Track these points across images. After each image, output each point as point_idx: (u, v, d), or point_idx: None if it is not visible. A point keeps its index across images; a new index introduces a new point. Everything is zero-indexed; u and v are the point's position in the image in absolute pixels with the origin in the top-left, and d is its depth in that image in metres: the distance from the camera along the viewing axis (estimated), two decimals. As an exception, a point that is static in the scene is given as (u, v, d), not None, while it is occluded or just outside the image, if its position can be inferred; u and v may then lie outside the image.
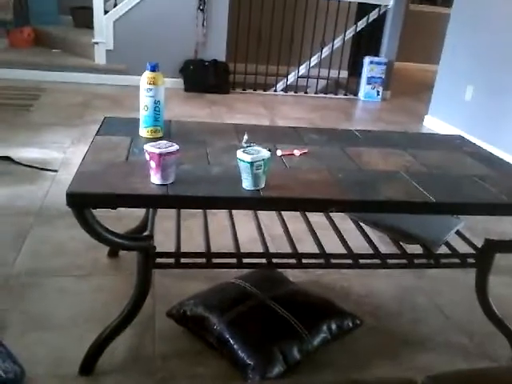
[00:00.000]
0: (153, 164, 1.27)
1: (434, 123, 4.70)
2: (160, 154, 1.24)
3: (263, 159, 1.30)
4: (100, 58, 5.10)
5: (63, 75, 4.99)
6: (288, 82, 5.63)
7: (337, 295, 1.96)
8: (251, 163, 1.28)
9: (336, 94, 5.73)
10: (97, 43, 5.05)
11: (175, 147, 1.28)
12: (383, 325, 1.86)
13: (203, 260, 1.50)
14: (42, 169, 2.89)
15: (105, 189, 1.25)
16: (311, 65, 5.67)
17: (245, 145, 1.62)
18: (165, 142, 1.32)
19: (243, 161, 1.29)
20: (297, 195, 1.34)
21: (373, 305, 1.97)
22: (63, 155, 3.11)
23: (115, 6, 5.06)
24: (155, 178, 1.28)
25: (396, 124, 4.77)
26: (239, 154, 1.30)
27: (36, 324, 1.67)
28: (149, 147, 1.27)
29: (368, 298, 2.01)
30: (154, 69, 1.60)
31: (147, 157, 1.27)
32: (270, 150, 1.57)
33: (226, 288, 1.71)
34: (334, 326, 1.62)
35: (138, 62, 2.15)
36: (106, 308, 1.74)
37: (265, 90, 5.50)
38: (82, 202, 1.24)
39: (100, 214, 1.29)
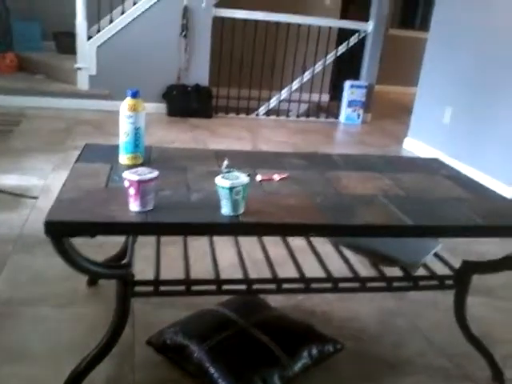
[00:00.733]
0: (132, 191, 1.27)
1: (414, 145, 4.78)
2: (139, 181, 1.25)
3: (242, 185, 1.31)
4: (83, 84, 5.11)
5: (46, 101, 4.99)
6: (270, 106, 5.70)
7: (318, 320, 1.96)
8: (230, 189, 1.29)
9: (317, 118, 5.80)
10: (80, 69, 5.07)
11: (154, 174, 1.29)
12: (365, 348, 1.85)
13: (183, 287, 1.49)
14: (21, 196, 2.86)
15: (83, 217, 1.25)
16: (293, 89, 5.75)
17: (225, 170, 1.63)
18: (144, 168, 1.32)
19: (222, 187, 1.30)
20: (275, 220, 1.35)
21: (354, 328, 1.97)
22: (44, 182, 3.09)
23: (98, 31, 5.10)
24: (134, 205, 1.28)
25: (376, 146, 4.84)
26: (218, 180, 1.31)
27: (10, 356, 1.63)
28: (128, 174, 1.27)
29: (349, 321, 2.01)
30: (134, 95, 1.61)
31: (126, 184, 1.28)
32: (249, 175, 1.59)
33: (206, 315, 1.70)
34: (314, 351, 1.62)
35: (121, 88, 2.16)
36: (84, 338, 1.71)
37: (247, 114, 5.55)
38: (59, 231, 1.23)
39: (79, 241, 1.28)
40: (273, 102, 5.72)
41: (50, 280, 2.06)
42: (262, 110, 5.68)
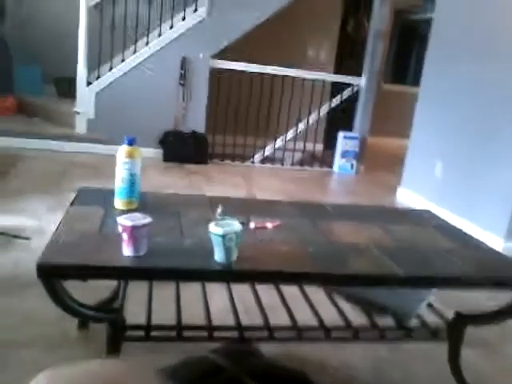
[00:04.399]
0: (125, 236, 1.28)
1: (407, 195, 4.83)
2: (132, 227, 1.26)
3: (235, 232, 1.32)
4: (81, 128, 5.19)
5: (43, 143, 5.04)
6: (265, 154, 5.78)
7: (311, 367, 1.93)
8: (223, 236, 1.30)
9: (311, 166, 5.88)
10: (78, 113, 5.15)
11: (148, 220, 1.31)
12: (358, 400, 1.83)
13: (174, 333, 1.48)
14: (14, 236, 2.85)
15: (76, 260, 1.26)
16: (288, 138, 5.85)
17: (219, 217, 1.65)
18: (138, 214, 1.34)
19: (215, 234, 1.31)
20: (268, 268, 1.36)
21: (349, 378, 1.93)
22: (38, 223, 3.09)
23: (98, 77, 5.22)
24: (127, 250, 1.29)
25: (369, 196, 4.89)
26: (211, 227, 1.32)
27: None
28: (121, 219, 1.29)
29: (343, 370, 1.98)
30: (131, 143, 1.65)
31: (120, 229, 1.29)
32: (243, 223, 1.61)
33: (196, 361, 1.67)
34: (306, 402, 1.59)
35: (118, 132, 2.22)
36: (72, 383, 1.68)
37: (243, 161, 5.62)
38: (51, 273, 1.23)
39: (72, 283, 1.28)
40: (268, 150, 5.81)
41: (41, 322, 2.03)
42: (257, 157, 5.76)
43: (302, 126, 5.89)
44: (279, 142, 5.87)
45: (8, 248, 2.72)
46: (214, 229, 1.31)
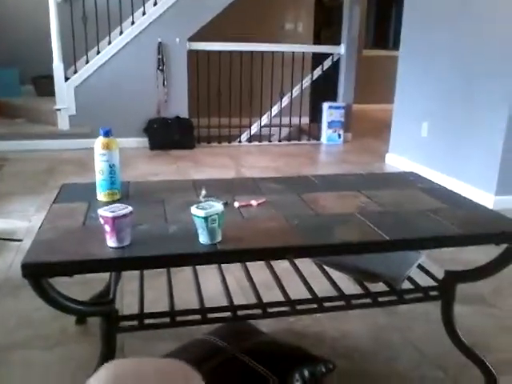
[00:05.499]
0: (107, 228, 1.28)
1: (396, 160, 4.84)
2: (113, 218, 1.26)
3: (217, 213, 1.32)
4: (63, 124, 5.15)
5: (27, 143, 5.01)
6: (252, 133, 5.76)
7: (310, 341, 1.95)
8: (205, 218, 1.30)
9: (299, 140, 5.86)
10: (59, 110, 5.11)
11: (128, 209, 1.30)
12: (359, 366, 1.85)
13: (167, 319, 1.48)
14: (6, 239, 2.85)
15: (60, 257, 1.25)
16: (273, 114, 5.83)
17: (203, 199, 1.64)
18: (118, 204, 1.33)
19: (197, 216, 1.31)
20: (252, 246, 1.36)
21: (347, 347, 1.96)
22: (28, 224, 3.09)
23: (75, 72, 5.16)
24: (111, 242, 1.29)
25: (359, 164, 4.89)
26: (193, 209, 1.32)
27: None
28: (102, 211, 1.28)
29: (342, 340, 2.01)
30: (106, 134, 1.63)
31: (101, 221, 1.29)
32: (226, 203, 1.61)
33: (195, 345, 1.69)
34: (306, 373, 1.61)
35: (101, 125, 2.17)
36: (73, 378, 1.70)
37: (229, 142, 5.60)
38: (37, 272, 1.23)
39: (64, 280, 1.28)
40: (254, 129, 5.78)
41: (37, 322, 2.04)
42: (244, 136, 5.74)
43: (286, 100, 5.86)
44: (265, 119, 5.84)
45: (0, 251, 2.71)
46: (196, 211, 1.31)
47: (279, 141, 5.80)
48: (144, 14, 5.13)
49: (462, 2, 3.89)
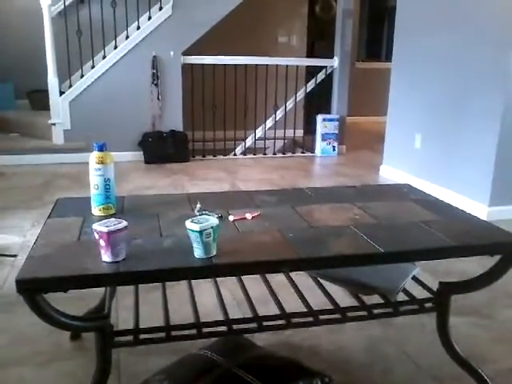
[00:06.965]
0: (102, 242, 1.28)
1: (390, 172, 4.86)
2: (108, 233, 1.26)
3: (212, 227, 1.32)
4: (58, 138, 5.15)
5: (22, 158, 5.01)
6: (246, 146, 5.78)
7: (306, 354, 1.95)
8: (200, 232, 1.30)
9: (294, 153, 5.89)
10: (54, 124, 5.11)
11: (123, 224, 1.30)
12: (355, 379, 1.84)
13: (163, 334, 1.48)
14: (1, 255, 2.84)
15: (55, 272, 1.25)
16: (267, 127, 5.85)
17: (197, 213, 1.65)
18: (113, 219, 1.34)
19: (192, 230, 1.31)
20: (247, 259, 1.36)
21: (343, 360, 1.96)
22: (23, 239, 3.08)
23: (70, 86, 5.18)
24: (106, 256, 1.29)
25: (353, 176, 4.91)
26: (188, 224, 1.32)
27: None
28: (97, 226, 1.28)
29: (337, 353, 2.00)
30: (101, 148, 1.64)
31: (96, 236, 1.29)
32: (220, 216, 1.62)
33: (190, 360, 1.69)
34: (302, 387, 1.60)
35: (96, 139, 2.17)
36: (69, 395, 1.69)
37: (224, 155, 5.62)
38: (32, 288, 1.23)
39: (59, 295, 1.27)
40: (249, 141, 5.80)
41: (32, 338, 2.03)
42: (239, 149, 5.75)
43: (280, 113, 5.89)
44: (259, 132, 5.87)
45: (-6, 267, 2.70)
46: (191, 225, 1.31)
47: (274, 153, 5.82)
48: (138, 28, 5.16)
49: (454, 14, 3.94)
